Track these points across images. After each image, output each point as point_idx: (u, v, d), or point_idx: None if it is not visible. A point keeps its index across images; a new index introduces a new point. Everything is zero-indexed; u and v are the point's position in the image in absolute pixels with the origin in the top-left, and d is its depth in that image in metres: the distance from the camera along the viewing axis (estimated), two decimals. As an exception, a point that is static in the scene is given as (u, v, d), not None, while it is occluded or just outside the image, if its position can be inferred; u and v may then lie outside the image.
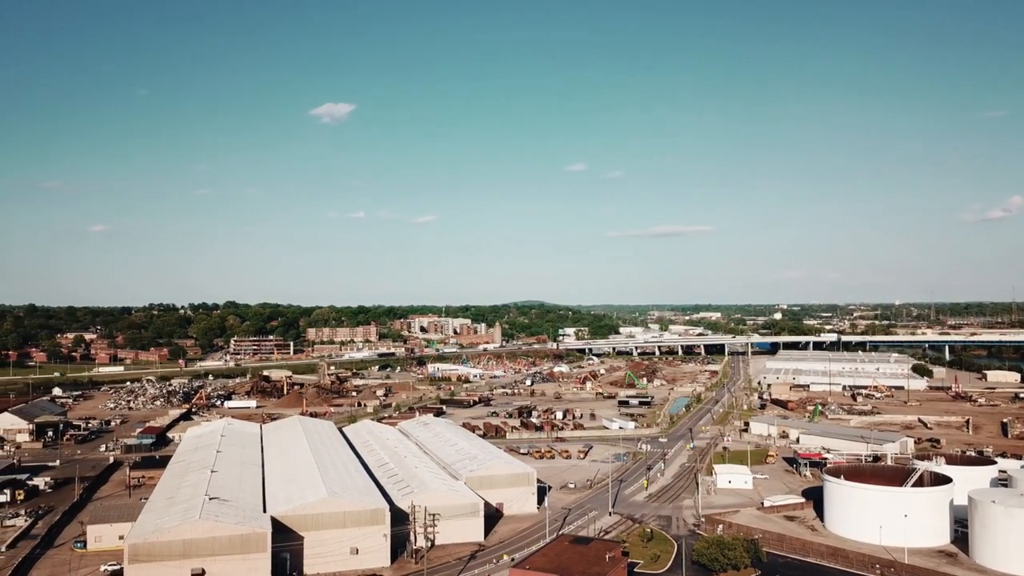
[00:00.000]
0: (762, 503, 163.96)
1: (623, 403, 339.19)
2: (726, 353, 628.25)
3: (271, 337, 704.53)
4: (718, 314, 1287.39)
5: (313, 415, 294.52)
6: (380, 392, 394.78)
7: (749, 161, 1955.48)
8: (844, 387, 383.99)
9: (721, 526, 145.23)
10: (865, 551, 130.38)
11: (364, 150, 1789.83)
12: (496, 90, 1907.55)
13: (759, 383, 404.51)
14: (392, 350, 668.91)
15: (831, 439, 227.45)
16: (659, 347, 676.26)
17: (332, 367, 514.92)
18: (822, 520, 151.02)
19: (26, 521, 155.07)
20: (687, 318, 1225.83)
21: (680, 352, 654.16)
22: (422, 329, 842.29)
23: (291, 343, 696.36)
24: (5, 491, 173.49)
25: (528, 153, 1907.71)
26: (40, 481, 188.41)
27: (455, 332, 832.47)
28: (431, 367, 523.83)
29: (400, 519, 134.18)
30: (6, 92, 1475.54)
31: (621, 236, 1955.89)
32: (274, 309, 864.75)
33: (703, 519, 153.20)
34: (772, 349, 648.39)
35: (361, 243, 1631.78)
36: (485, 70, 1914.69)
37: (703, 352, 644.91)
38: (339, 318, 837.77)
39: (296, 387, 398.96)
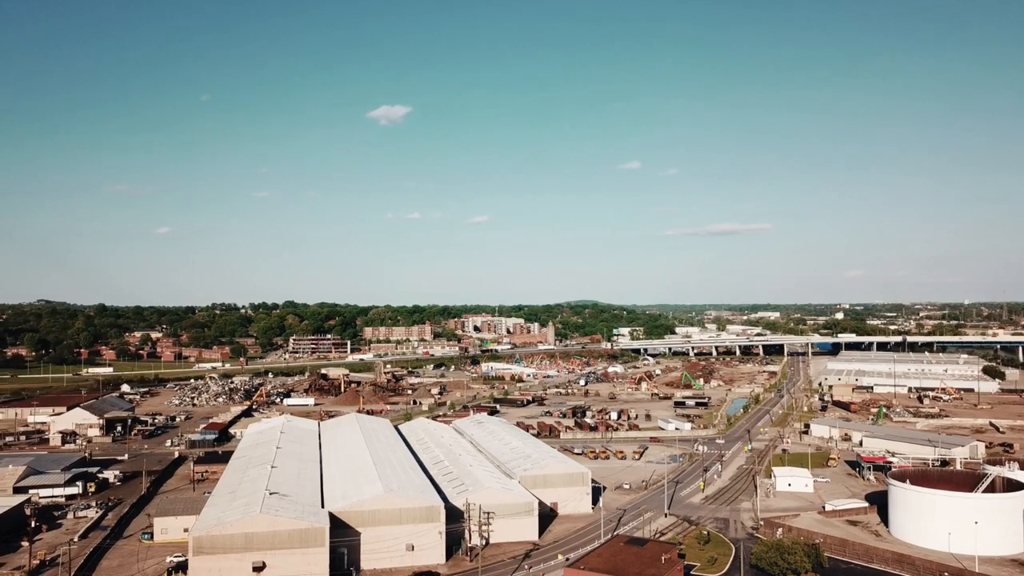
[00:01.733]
0: (823, 507, 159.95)
1: (679, 404, 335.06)
2: (785, 353, 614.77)
3: (329, 336, 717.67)
4: (777, 314, 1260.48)
5: (370, 412, 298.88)
6: (435, 390, 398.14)
7: (809, 157, 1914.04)
8: (910, 389, 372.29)
9: (780, 529, 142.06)
10: (933, 558, 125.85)
11: (419, 151, 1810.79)
12: (550, 90, 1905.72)
13: (820, 384, 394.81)
14: (446, 349, 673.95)
15: (896, 442, 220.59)
16: (716, 347, 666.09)
17: (388, 365, 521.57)
18: (887, 525, 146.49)
19: (97, 512, 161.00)
20: (745, 318, 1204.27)
21: (738, 352, 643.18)
22: (476, 328, 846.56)
23: (348, 342, 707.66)
24: (77, 483, 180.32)
25: (581, 152, 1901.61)
26: (110, 474, 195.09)
27: (508, 332, 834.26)
28: (485, 366, 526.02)
29: (455, 517, 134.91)
30: (75, 100, 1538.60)
31: (677, 234, 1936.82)
32: (332, 309, 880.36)
33: (762, 522, 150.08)
34: (833, 350, 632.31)
35: (416, 243, 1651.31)
36: (539, 70, 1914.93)
37: (761, 352, 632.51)
38: (395, 317, 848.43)
39: (353, 385, 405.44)
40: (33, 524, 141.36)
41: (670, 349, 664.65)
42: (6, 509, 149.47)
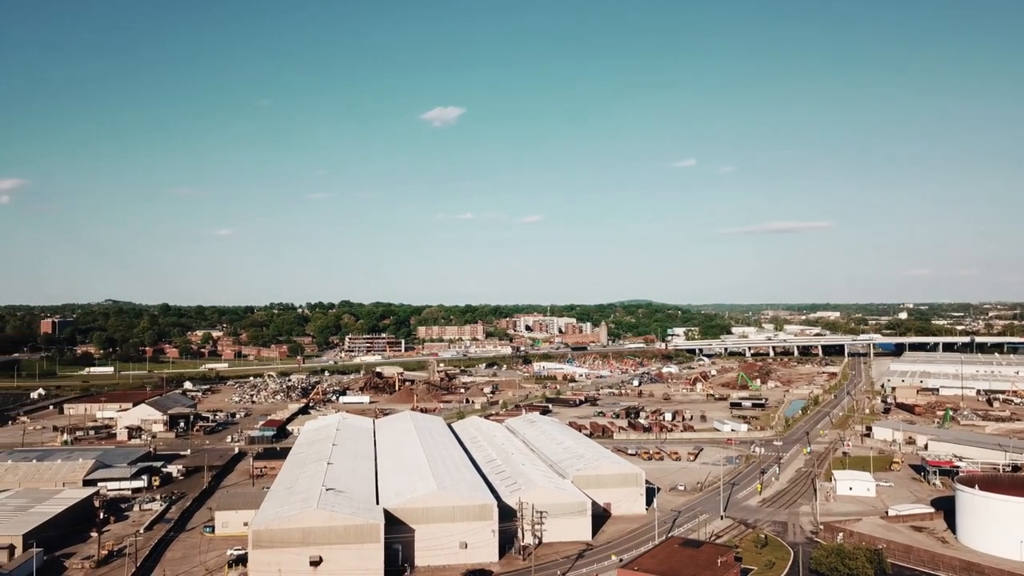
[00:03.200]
0: (886, 512, 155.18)
1: (735, 405, 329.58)
2: (846, 354, 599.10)
3: (383, 335, 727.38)
4: (837, 313, 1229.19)
5: (423, 411, 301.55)
6: (487, 389, 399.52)
7: (871, 153, 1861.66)
8: (978, 391, 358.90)
9: (841, 534, 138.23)
10: (1004, 567, 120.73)
11: (472, 152, 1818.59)
12: (603, 88, 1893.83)
13: (883, 386, 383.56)
14: (498, 348, 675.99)
15: (964, 446, 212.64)
16: (773, 348, 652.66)
17: (441, 364, 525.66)
18: (954, 532, 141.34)
19: (161, 505, 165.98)
20: (803, 318, 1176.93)
21: (796, 353, 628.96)
22: (527, 328, 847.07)
23: (402, 341, 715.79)
24: (143, 477, 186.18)
25: (635, 150, 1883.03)
26: (173, 469, 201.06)
27: (560, 331, 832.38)
28: (537, 366, 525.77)
29: (508, 515, 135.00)
30: (139, 105, 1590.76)
31: (733, 233, 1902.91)
32: (386, 308, 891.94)
33: (821, 526, 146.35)
34: (897, 350, 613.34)
35: (469, 243, 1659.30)
36: (592, 68, 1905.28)
37: (821, 353, 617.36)
38: (447, 317, 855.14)
39: (407, 383, 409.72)
40: (102, 516, 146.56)
41: (726, 349, 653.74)
42: (77, 501, 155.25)
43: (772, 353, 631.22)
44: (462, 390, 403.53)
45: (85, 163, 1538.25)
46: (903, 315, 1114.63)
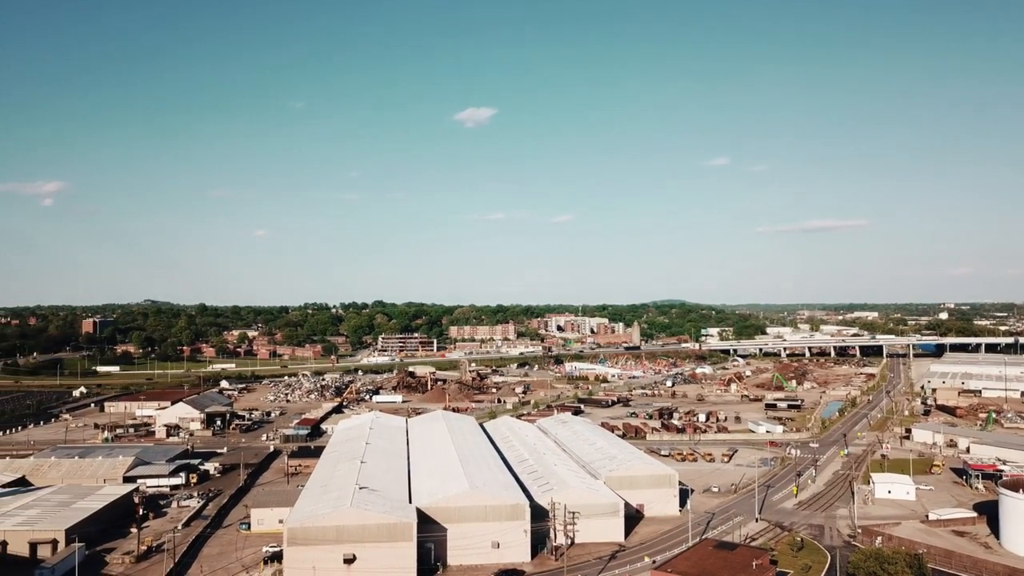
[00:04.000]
0: (927, 516, 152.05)
1: (770, 406, 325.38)
2: (884, 355, 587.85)
3: (416, 335, 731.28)
4: (875, 313, 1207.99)
5: (455, 410, 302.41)
6: (519, 389, 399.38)
7: (909, 149, 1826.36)
8: (1023, 393, 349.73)
9: (880, 538, 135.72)
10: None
11: (504, 152, 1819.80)
12: (633, 86, 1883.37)
13: (923, 387, 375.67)
14: (529, 348, 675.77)
15: (1008, 449, 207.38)
16: (809, 348, 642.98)
17: (472, 364, 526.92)
18: (997, 538, 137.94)
19: (199, 502, 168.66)
20: (840, 318, 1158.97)
21: (832, 354, 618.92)
22: (559, 328, 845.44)
23: (434, 340, 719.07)
24: (181, 474, 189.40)
25: (667, 148, 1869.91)
26: (210, 466, 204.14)
27: (592, 331, 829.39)
28: (568, 366, 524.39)
29: (540, 515, 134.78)
30: (177, 108, 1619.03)
31: (768, 232, 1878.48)
32: (418, 308, 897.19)
33: (859, 530, 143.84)
34: (937, 351, 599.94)
35: (500, 243, 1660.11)
36: (620, 68, 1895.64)
37: (858, 354, 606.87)
38: (479, 317, 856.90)
39: (439, 383, 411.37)
40: (141, 512, 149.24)
41: (761, 350, 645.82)
42: (117, 497, 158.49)
43: (808, 354, 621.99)
44: (494, 390, 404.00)
45: (125, 166, 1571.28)
46: (944, 315, 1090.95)
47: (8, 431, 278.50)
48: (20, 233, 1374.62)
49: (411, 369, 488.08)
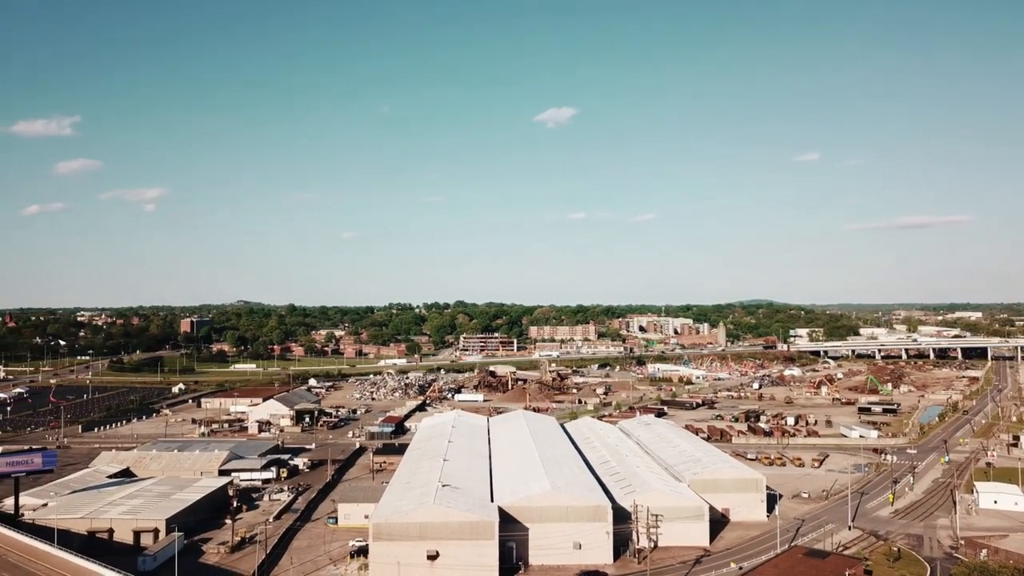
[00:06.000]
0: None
1: (864, 410, 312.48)
2: (989, 357, 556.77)
3: (496, 335, 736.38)
4: (978, 314, 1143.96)
5: (535, 410, 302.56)
6: (600, 390, 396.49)
7: (1012, 138, 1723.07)
8: None
9: (985, 551, 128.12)
10: None
11: (585, 152, 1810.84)
12: (717, 81, 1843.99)
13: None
14: (610, 349, 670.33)
15: None
16: (906, 350, 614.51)
17: (553, 364, 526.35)
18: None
19: (288, 496, 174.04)
20: (940, 318, 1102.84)
21: (932, 356, 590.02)
22: (641, 329, 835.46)
23: (515, 340, 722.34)
24: (272, 469, 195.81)
25: (755, 144, 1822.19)
26: (299, 462, 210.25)
27: (675, 332, 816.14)
28: (651, 367, 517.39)
29: (621, 517, 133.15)
30: (270, 116, 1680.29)
31: (861, 229, 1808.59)
32: (499, 308, 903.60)
33: (962, 541, 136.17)
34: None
35: (581, 243, 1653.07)
36: (704, 63, 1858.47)
37: (960, 356, 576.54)
38: (559, 317, 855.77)
39: (520, 383, 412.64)
40: (235, 504, 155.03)
41: (853, 351, 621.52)
42: (213, 489, 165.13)
43: (905, 356, 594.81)
44: (574, 390, 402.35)
45: (220, 172, 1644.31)
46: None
47: (114, 425, 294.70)
48: (125, 237, 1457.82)
49: (492, 368, 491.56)
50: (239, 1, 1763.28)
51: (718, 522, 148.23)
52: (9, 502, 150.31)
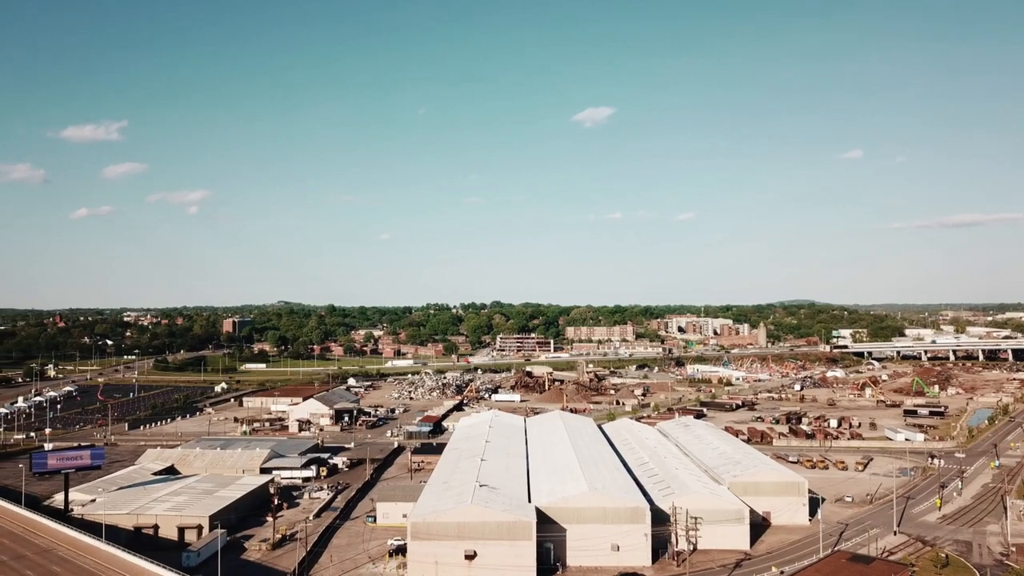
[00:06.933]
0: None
1: (909, 412, 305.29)
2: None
3: (533, 335, 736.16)
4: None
5: (573, 411, 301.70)
6: (638, 391, 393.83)
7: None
8: None
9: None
10: None
11: (623, 151, 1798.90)
12: (756, 76, 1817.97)
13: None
14: (648, 350, 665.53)
15: None
16: (954, 351, 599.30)
17: (590, 365, 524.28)
18: None
19: (328, 495, 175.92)
20: (989, 318, 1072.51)
21: (981, 357, 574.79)
22: (680, 329, 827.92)
23: (551, 341, 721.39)
24: (312, 467, 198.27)
25: (796, 142, 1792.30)
26: (339, 460, 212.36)
27: (715, 333, 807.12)
28: (690, 368, 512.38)
29: (660, 519, 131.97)
30: (310, 121, 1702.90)
31: (906, 228, 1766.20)
32: (536, 308, 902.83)
33: (1013, 548, 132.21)
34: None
35: (619, 243, 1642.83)
36: (742, 60, 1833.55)
37: (1011, 357, 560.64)
38: (596, 317, 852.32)
39: (557, 383, 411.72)
40: (276, 502, 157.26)
41: (898, 352, 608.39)
42: (254, 487, 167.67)
43: (952, 357, 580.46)
44: (612, 391, 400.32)
45: (261, 174, 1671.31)
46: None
47: (159, 423, 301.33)
48: (170, 239, 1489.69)
49: (529, 369, 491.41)
50: (285, 8, 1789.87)
51: (759, 526, 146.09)
52: (59, 498, 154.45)
